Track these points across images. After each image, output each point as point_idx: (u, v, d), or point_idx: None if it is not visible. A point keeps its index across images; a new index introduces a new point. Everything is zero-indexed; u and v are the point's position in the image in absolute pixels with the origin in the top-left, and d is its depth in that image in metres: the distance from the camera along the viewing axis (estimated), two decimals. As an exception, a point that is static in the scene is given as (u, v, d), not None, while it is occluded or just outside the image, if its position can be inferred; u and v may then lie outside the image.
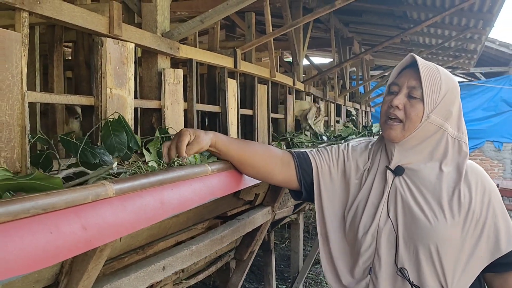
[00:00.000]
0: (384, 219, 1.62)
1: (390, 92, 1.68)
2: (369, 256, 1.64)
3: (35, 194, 1.03)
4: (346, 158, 1.79)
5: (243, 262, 2.99)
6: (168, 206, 1.46)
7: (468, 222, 1.55)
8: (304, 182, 1.82)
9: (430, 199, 1.58)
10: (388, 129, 1.64)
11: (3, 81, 1.79)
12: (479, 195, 1.58)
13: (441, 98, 1.60)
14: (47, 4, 1.94)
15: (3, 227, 0.92)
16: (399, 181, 1.64)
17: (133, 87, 2.52)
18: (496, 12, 6.17)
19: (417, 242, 1.55)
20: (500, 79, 15.00)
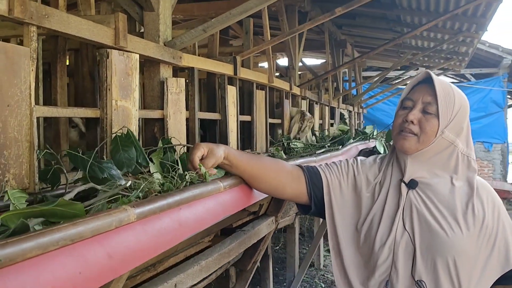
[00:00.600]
0: (401, 231, 1.63)
1: (404, 107, 1.71)
2: (385, 268, 1.65)
3: (62, 224, 1.02)
4: (356, 172, 1.80)
5: (246, 272, 2.98)
6: (186, 227, 1.45)
7: (482, 235, 1.58)
8: (315, 197, 1.82)
9: (445, 212, 1.60)
10: (401, 139, 1.66)
11: (12, 97, 1.76)
12: (490, 209, 1.62)
13: (454, 114, 1.63)
14: (55, 18, 1.92)
15: (35, 261, 0.91)
16: (413, 194, 1.65)
17: (137, 98, 2.50)
18: (489, 17, 6.22)
19: (435, 254, 1.57)
20: (489, 80, 15.13)
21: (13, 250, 0.87)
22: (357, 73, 11.09)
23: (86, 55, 2.64)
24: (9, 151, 1.76)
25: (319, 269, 7.59)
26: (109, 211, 1.17)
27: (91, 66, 2.65)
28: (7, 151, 1.75)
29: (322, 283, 7.04)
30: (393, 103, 14.90)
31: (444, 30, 7.49)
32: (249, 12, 2.89)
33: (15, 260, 0.87)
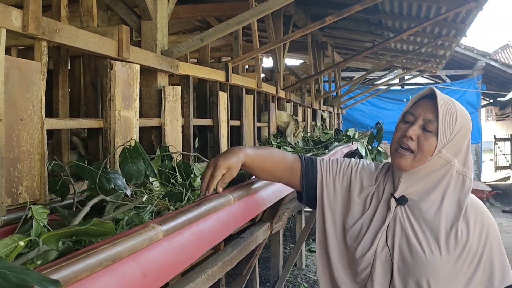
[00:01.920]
0: (382, 246, 1.66)
1: (405, 121, 1.70)
2: (364, 277, 1.69)
3: (102, 245, 1.06)
4: (354, 175, 1.83)
5: (241, 277, 3.05)
6: (203, 241, 1.51)
7: (463, 258, 1.59)
8: (307, 190, 1.89)
9: (427, 233, 1.61)
10: (398, 157, 1.65)
11: (25, 111, 1.80)
12: (477, 231, 1.61)
13: (454, 134, 1.62)
14: (65, 33, 1.96)
15: (84, 282, 0.96)
16: (400, 211, 1.67)
17: (138, 107, 2.54)
18: (469, 23, 6.38)
19: (410, 273, 1.59)
20: (464, 81, 15.48)
21: (67, 273, 0.92)
22: (336, 75, 11.23)
23: (89, 66, 2.67)
24: (22, 164, 1.80)
25: (301, 269, 7.70)
26: (139, 230, 1.22)
27: (94, 76, 2.68)
28: (20, 164, 1.79)
29: (305, 283, 7.14)
30: (371, 104, 15.14)
31: (424, 34, 7.65)
32: (246, 22, 2.95)
33: (68, 283, 0.92)
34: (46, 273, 0.88)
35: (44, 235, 1.10)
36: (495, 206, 14.47)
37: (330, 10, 6.89)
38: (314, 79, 7.24)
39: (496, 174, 21.49)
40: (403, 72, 12.37)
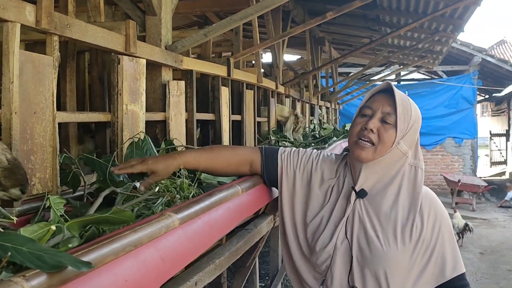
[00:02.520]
0: (342, 238, 1.69)
1: (363, 115, 1.71)
2: (323, 269, 1.72)
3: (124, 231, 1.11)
4: (314, 168, 1.84)
5: (245, 269, 3.09)
6: (216, 230, 1.56)
7: (418, 249, 1.63)
8: (268, 181, 1.94)
9: (385, 225, 1.65)
10: (359, 149, 1.66)
11: (38, 104, 1.84)
12: (431, 223, 1.65)
13: (410, 127, 1.67)
14: (75, 28, 2.00)
15: (111, 265, 1.01)
16: (359, 204, 1.69)
17: (144, 101, 2.59)
18: (466, 19, 6.44)
19: (368, 264, 1.63)
20: (461, 77, 15.55)
21: (95, 256, 0.97)
22: (333, 70, 11.28)
23: (96, 60, 2.71)
24: (35, 156, 1.84)
25: (300, 263, 7.75)
26: (157, 218, 1.27)
27: (101, 71, 2.72)
28: (34, 156, 1.83)
29: (303, 276, 7.20)
30: (368, 99, 15.16)
31: (421, 29, 7.70)
32: (249, 18, 2.99)
33: (97, 266, 0.97)
34: (76, 255, 0.92)
35: (68, 222, 1.14)
36: (491, 201, 14.59)
37: (328, 6, 6.95)
38: (312, 74, 7.28)
39: (491, 170, 21.64)
40: (399, 68, 12.44)
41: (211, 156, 1.91)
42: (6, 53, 1.66)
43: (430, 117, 14.82)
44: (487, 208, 13.78)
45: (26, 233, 1.05)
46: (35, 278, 0.82)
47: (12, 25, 1.67)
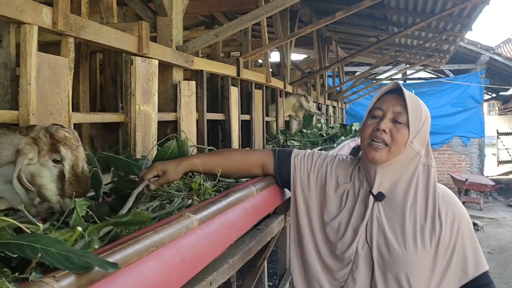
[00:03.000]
0: (362, 243, 1.67)
1: (373, 117, 1.69)
2: (343, 275, 1.70)
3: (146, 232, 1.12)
4: (329, 173, 1.82)
5: (256, 268, 3.10)
6: (233, 230, 1.57)
7: (439, 251, 1.61)
8: (281, 183, 1.94)
9: (404, 228, 1.63)
10: (373, 150, 1.63)
11: (54, 105, 1.85)
12: (449, 223, 1.63)
13: (421, 125, 1.66)
14: (90, 29, 2.01)
15: (134, 266, 1.02)
16: (377, 207, 1.67)
17: (156, 102, 2.60)
18: (474, 17, 6.42)
19: (389, 268, 1.61)
20: (467, 76, 15.48)
21: (120, 257, 0.98)
22: (340, 70, 11.28)
23: (109, 61, 2.72)
24: (52, 157, 1.85)
25: (307, 262, 7.76)
26: (177, 218, 1.28)
27: (114, 72, 2.73)
28: (50, 157, 1.84)
29: (311, 276, 7.20)
30: (375, 98, 15.13)
31: (429, 29, 7.68)
32: (259, 18, 3.00)
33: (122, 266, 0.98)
34: (102, 256, 0.93)
35: (90, 228, 1.15)
36: (498, 200, 14.53)
37: (336, 6, 6.94)
38: (319, 74, 7.28)
39: (498, 169, 21.54)
40: (406, 67, 12.42)
41: (221, 159, 1.91)
42: (23, 55, 1.67)
43: (437, 116, 14.75)
44: (495, 207, 13.73)
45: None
46: (64, 278, 0.83)
47: (30, 27, 1.69)
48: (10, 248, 0.89)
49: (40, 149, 1.49)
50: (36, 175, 1.50)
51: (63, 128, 1.55)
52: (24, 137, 1.50)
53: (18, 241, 0.89)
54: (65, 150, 1.51)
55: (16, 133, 1.51)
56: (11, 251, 0.89)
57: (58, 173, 1.52)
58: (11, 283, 0.80)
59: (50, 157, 1.50)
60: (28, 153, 1.46)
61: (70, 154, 1.52)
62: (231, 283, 3.72)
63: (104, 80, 2.77)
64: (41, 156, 1.49)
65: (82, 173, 1.55)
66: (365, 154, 1.69)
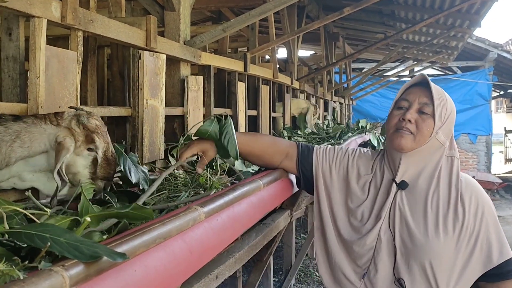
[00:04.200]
0: (384, 230, 1.71)
1: (399, 107, 1.74)
2: (365, 262, 1.73)
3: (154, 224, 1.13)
4: (351, 164, 1.87)
5: (262, 263, 3.11)
6: (239, 224, 1.58)
7: (462, 238, 1.63)
8: (303, 176, 1.96)
9: (427, 216, 1.66)
10: (399, 137, 1.68)
11: (62, 98, 1.87)
12: (473, 209, 1.66)
13: (447, 116, 1.70)
14: (98, 23, 2.02)
15: (142, 256, 1.02)
16: (400, 195, 1.71)
17: (164, 96, 2.61)
18: (483, 14, 6.39)
19: (413, 256, 1.65)
20: (475, 73, 15.40)
21: (128, 247, 0.99)
22: (347, 66, 11.25)
23: (116, 55, 2.73)
24: (60, 150, 1.86)
25: (313, 259, 7.75)
26: (184, 211, 1.28)
27: (121, 66, 2.74)
28: (58, 150, 1.85)
29: (316, 272, 7.21)
30: (382, 95, 15.13)
31: (437, 25, 7.65)
32: (267, 14, 3.00)
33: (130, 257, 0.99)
34: (110, 247, 0.94)
35: (88, 214, 1.16)
36: (505, 198, 14.46)
37: (343, 1, 6.92)
38: (326, 70, 7.27)
39: (506, 166, 21.41)
40: (414, 64, 12.37)
41: (252, 139, 2.00)
42: (32, 49, 1.68)
43: (444, 113, 14.67)
44: (502, 205, 13.66)
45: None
46: (73, 267, 0.83)
47: (39, 21, 1.70)
48: (20, 237, 0.90)
49: (76, 139, 1.54)
50: (71, 164, 1.56)
51: (90, 115, 1.60)
52: (57, 127, 1.54)
53: (28, 230, 0.90)
54: (99, 139, 1.58)
55: (47, 122, 1.54)
56: (21, 240, 0.90)
57: (92, 160, 1.59)
58: (21, 271, 0.81)
59: (85, 147, 1.56)
60: (70, 147, 1.51)
61: (103, 141, 1.59)
62: (237, 278, 3.74)
63: (111, 74, 2.78)
64: (76, 147, 1.55)
65: (112, 156, 1.64)
66: (390, 142, 1.74)
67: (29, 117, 1.56)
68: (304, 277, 6.92)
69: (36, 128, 1.53)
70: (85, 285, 0.86)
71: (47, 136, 1.52)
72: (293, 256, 6.42)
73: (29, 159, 1.54)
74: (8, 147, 1.50)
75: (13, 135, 1.50)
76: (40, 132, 1.53)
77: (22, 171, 1.56)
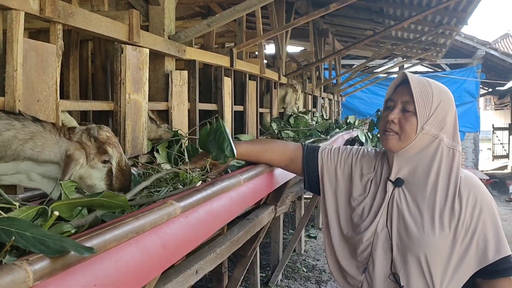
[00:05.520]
0: (381, 227, 1.75)
1: (387, 108, 1.79)
2: (365, 257, 1.78)
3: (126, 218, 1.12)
4: (354, 162, 1.93)
5: (246, 258, 3.11)
6: (217, 219, 1.57)
7: (458, 234, 1.65)
8: (308, 177, 2.01)
9: (423, 211, 1.69)
10: (385, 139, 1.75)
11: (41, 92, 1.85)
12: (470, 206, 1.66)
13: (433, 109, 1.70)
14: (79, 16, 2.00)
15: (113, 251, 1.02)
16: (397, 192, 1.74)
17: (147, 91, 2.59)
18: (470, 11, 6.41)
19: (408, 251, 1.68)
20: (464, 70, 15.48)
21: (98, 242, 0.98)
22: (337, 62, 11.26)
23: (99, 49, 2.71)
24: (38, 144, 1.85)
25: (300, 254, 7.78)
26: (159, 205, 1.28)
27: (104, 60, 2.72)
28: (37, 144, 1.84)
29: (304, 267, 7.22)
30: (371, 92, 15.16)
31: (425, 22, 7.67)
32: (252, 8, 2.99)
33: (99, 251, 0.98)
34: (79, 241, 0.93)
35: (56, 203, 1.15)
36: (493, 195, 14.48)
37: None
38: (315, 66, 7.27)
39: (493, 163, 21.59)
40: (403, 60, 12.40)
41: (263, 149, 2.07)
42: (10, 41, 1.67)
43: (432, 110, 14.73)
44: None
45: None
46: (38, 262, 0.83)
47: (16, 13, 1.68)
48: (-15, 231, 0.89)
49: (88, 153, 1.59)
50: (86, 177, 1.60)
51: (101, 128, 1.65)
52: (68, 141, 1.59)
53: (-7, 224, 0.89)
54: (111, 149, 1.63)
55: (61, 135, 1.59)
56: (-14, 235, 0.89)
57: (107, 172, 1.63)
58: (-16, 266, 0.80)
59: (99, 159, 1.61)
60: (79, 160, 1.56)
61: (116, 151, 1.64)
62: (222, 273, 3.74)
63: (94, 69, 2.76)
64: (90, 160, 1.60)
65: (126, 166, 1.68)
66: (382, 144, 1.82)
67: (47, 123, 1.61)
68: (291, 273, 6.92)
69: (51, 136, 1.58)
70: (51, 279, 0.85)
71: (59, 147, 1.57)
72: (280, 251, 6.44)
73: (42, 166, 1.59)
74: (19, 145, 1.54)
75: (28, 135, 1.55)
76: (53, 141, 1.58)
77: (31, 171, 1.60)
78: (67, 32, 2.66)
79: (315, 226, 9.00)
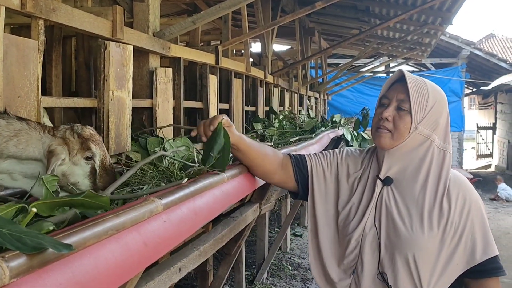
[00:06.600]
0: (369, 226, 1.74)
1: (381, 105, 1.77)
2: (353, 258, 1.76)
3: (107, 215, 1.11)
4: (340, 162, 1.91)
5: (230, 256, 3.11)
6: (200, 216, 1.57)
7: (446, 234, 1.65)
8: (301, 181, 1.95)
9: (412, 211, 1.69)
10: (378, 136, 1.74)
11: (22, 88, 1.82)
12: (459, 207, 1.67)
13: (428, 110, 1.69)
14: (61, 12, 1.98)
15: (92, 248, 1.01)
16: (386, 191, 1.73)
17: (131, 88, 2.57)
18: (455, 11, 6.46)
19: (396, 249, 1.67)
20: (449, 70, 15.63)
21: (77, 239, 0.97)
22: (323, 61, 11.29)
23: (82, 45, 2.69)
24: (19, 141, 1.82)
25: (286, 252, 7.79)
26: (141, 203, 1.27)
27: (87, 56, 2.70)
28: (18, 141, 1.81)
29: (289, 265, 7.24)
30: (357, 90, 15.24)
31: (410, 21, 7.72)
32: (237, 6, 2.98)
33: (78, 249, 0.97)
34: (58, 238, 0.92)
35: (35, 202, 1.14)
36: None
37: (318, -4, 6.92)
38: (301, 64, 7.28)
39: (477, 162, 21.82)
40: (388, 60, 12.48)
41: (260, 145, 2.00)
42: (-11, 36, 1.64)
43: (417, 109, 14.83)
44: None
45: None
46: (14, 259, 0.82)
47: (-4, 8, 1.65)
48: (-40, 228, 0.87)
49: (71, 149, 1.59)
50: (69, 174, 1.60)
51: (85, 126, 1.65)
52: (52, 138, 1.58)
53: (-32, 221, 0.87)
54: (95, 146, 1.62)
55: (45, 132, 1.59)
56: (-39, 232, 0.87)
57: (90, 169, 1.62)
58: (-41, 263, 0.79)
59: (82, 155, 1.60)
60: (61, 154, 1.55)
61: (99, 149, 1.64)
62: (207, 271, 3.73)
63: (77, 65, 2.73)
64: (72, 156, 1.59)
65: (109, 165, 1.68)
66: (374, 140, 1.80)
67: (32, 121, 1.61)
68: (276, 271, 6.93)
69: (36, 133, 1.58)
70: (28, 277, 0.84)
71: (42, 144, 1.57)
72: (266, 250, 6.44)
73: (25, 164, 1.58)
74: (3, 143, 1.53)
75: (12, 133, 1.54)
76: (37, 138, 1.57)
77: (13, 170, 1.58)
78: (50, 28, 2.63)
79: (300, 224, 9.02)
